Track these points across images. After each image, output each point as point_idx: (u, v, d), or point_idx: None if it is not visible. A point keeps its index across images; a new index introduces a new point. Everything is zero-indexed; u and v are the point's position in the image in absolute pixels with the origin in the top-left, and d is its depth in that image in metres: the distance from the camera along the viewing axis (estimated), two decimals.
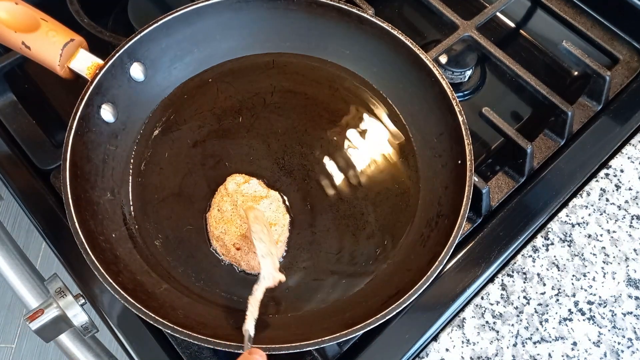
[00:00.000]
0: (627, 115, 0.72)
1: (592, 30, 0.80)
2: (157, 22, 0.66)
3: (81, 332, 0.59)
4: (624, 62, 0.77)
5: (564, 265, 0.63)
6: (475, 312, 0.60)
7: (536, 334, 0.59)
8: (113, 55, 0.64)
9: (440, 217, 0.61)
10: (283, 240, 0.62)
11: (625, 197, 0.67)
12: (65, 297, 0.58)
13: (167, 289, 0.59)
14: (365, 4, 0.75)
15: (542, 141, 0.70)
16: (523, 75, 0.71)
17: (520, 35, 0.82)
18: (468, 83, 0.77)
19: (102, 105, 0.64)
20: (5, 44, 0.63)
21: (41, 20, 0.63)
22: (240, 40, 0.72)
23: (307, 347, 0.51)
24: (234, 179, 0.64)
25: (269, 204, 0.62)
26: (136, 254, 0.60)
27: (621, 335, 0.59)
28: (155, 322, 0.52)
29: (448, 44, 0.74)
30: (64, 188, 0.57)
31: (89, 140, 0.62)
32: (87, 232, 0.56)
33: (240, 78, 0.71)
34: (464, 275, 0.61)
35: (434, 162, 0.65)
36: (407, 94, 0.69)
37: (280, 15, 0.71)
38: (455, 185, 0.60)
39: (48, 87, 0.76)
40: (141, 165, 0.66)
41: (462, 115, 0.62)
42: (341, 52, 0.72)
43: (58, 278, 0.60)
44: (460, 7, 0.78)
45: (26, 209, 0.66)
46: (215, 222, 0.62)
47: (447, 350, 0.58)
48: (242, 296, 0.59)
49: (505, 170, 0.68)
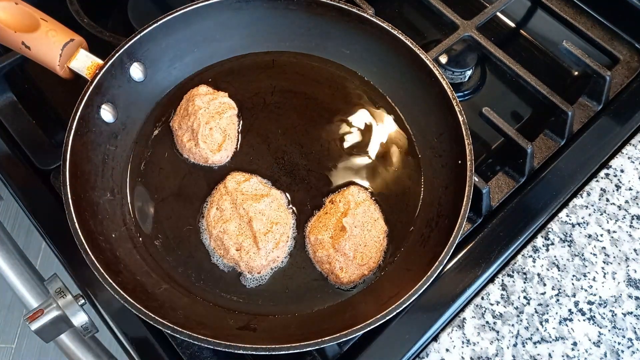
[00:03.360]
0: (628, 115, 0.72)
1: (592, 30, 0.79)
2: (157, 22, 0.66)
3: (81, 332, 0.59)
4: (624, 62, 0.77)
5: (564, 265, 0.63)
6: (476, 312, 0.60)
7: (536, 334, 0.59)
8: (113, 55, 0.64)
9: (440, 217, 0.61)
10: (285, 239, 0.61)
11: (626, 197, 0.67)
12: (65, 297, 0.58)
13: (166, 289, 0.59)
14: (365, 3, 0.75)
15: (542, 141, 0.70)
16: (523, 75, 0.71)
17: (521, 35, 0.82)
18: (468, 83, 0.77)
19: (102, 106, 0.64)
20: (5, 44, 0.63)
21: (41, 20, 0.63)
22: (240, 40, 0.72)
23: (307, 347, 0.51)
24: (234, 177, 0.64)
25: (270, 203, 0.62)
26: (136, 254, 0.60)
27: (621, 335, 0.59)
28: (155, 322, 0.52)
29: (448, 44, 0.74)
30: (64, 188, 0.57)
31: (88, 140, 0.62)
32: (87, 232, 0.56)
33: (240, 78, 0.71)
34: (464, 275, 0.61)
35: (434, 162, 0.65)
36: (407, 93, 0.69)
37: (280, 15, 0.71)
38: (456, 185, 0.60)
39: (48, 87, 0.76)
40: (141, 165, 0.66)
41: (462, 115, 0.62)
42: (341, 52, 0.72)
43: (58, 278, 0.60)
44: (460, 7, 0.78)
45: (26, 209, 0.66)
46: (214, 221, 0.62)
47: (447, 350, 0.58)
48: (242, 296, 0.59)
49: (506, 170, 0.68)
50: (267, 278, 0.60)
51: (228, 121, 0.67)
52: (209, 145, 0.65)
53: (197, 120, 0.65)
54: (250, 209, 0.61)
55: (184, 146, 0.65)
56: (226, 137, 0.66)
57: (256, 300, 0.59)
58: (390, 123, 0.69)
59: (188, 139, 0.65)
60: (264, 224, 0.61)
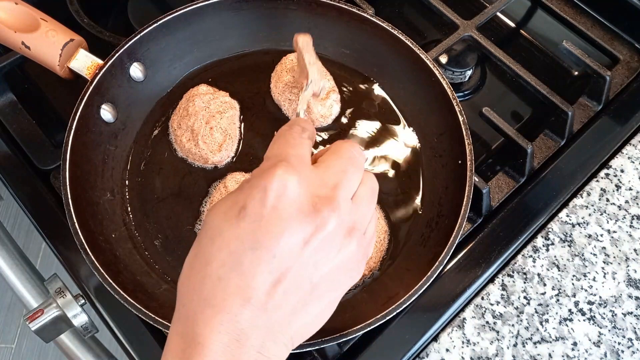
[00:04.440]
0: (628, 115, 0.72)
1: (592, 30, 0.80)
2: (156, 22, 0.66)
3: (81, 333, 0.59)
4: (624, 62, 0.77)
5: (564, 265, 0.63)
6: (476, 313, 0.60)
7: (536, 334, 0.59)
8: (113, 55, 0.64)
9: (440, 217, 0.61)
10: None
11: (626, 197, 0.67)
12: (65, 297, 0.58)
13: (166, 289, 0.59)
14: (365, 3, 0.75)
15: (542, 141, 0.70)
16: (523, 75, 0.71)
17: (521, 35, 0.82)
18: (468, 83, 0.77)
19: (101, 105, 0.64)
20: (5, 44, 0.63)
21: (41, 20, 0.63)
22: (240, 40, 0.72)
23: (307, 347, 0.51)
24: (234, 177, 0.64)
25: None
26: (136, 254, 0.60)
27: (621, 335, 0.59)
28: (155, 322, 0.52)
29: (448, 44, 0.74)
30: (64, 188, 0.57)
31: (88, 140, 0.62)
32: (87, 232, 0.56)
33: (240, 78, 0.71)
34: (464, 275, 0.61)
35: (434, 162, 0.65)
36: (407, 93, 0.69)
37: (280, 15, 0.71)
38: (456, 185, 0.60)
39: (48, 87, 0.75)
40: (141, 165, 0.66)
41: (462, 115, 0.62)
42: (341, 52, 0.72)
43: (58, 278, 0.60)
44: (460, 7, 0.78)
45: (26, 209, 0.66)
46: None
47: (448, 350, 0.58)
48: None
49: (506, 170, 0.68)
50: None
51: (229, 121, 0.67)
52: (209, 145, 0.65)
53: (197, 121, 0.65)
54: None
55: (183, 147, 0.65)
56: (227, 137, 0.66)
57: None
58: (390, 123, 0.69)
59: (187, 139, 0.65)
60: None
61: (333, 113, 0.68)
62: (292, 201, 0.40)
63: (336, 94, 0.69)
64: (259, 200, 0.39)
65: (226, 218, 0.40)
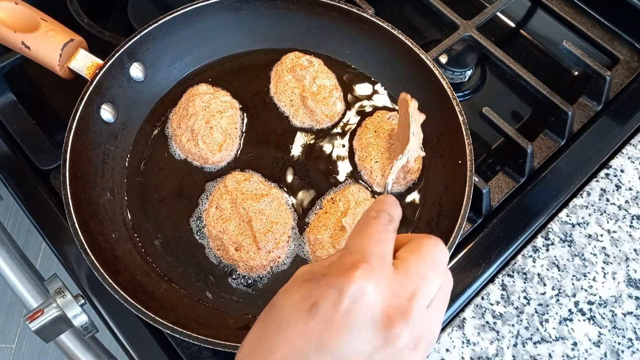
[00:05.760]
0: (628, 115, 0.72)
1: (592, 30, 0.80)
2: (156, 22, 0.66)
3: (81, 332, 0.59)
4: (624, 62, 0.77)
5: (564, 265, 0.63)
6: (476, 313, 0.60)
7: (536, 334, 0.59)
8: (113, 55, 0.64)
9: (440, 217, 0.61)
10: (285, 239, 0.61)
11: (626, 197, 0.67)
12: (65, 297, 0.58)
13: (166, 289, 0.59)
14: (365, 3, 0.75)
15: (542, 141, 0.70)
16: (523, 75, 0.71)
17: (521, 35, 0.82)
18: (468, 83, 0.77)
19: (101, 105, 0.64)
20: (5, 44, 0.63)
21: (41, 20, 0.63)
22: (240, 40, 0.72)
23: None
24: (234, 177, 0.64)
25: (270, 202, 0.62)
26: (136, 254, 0.60)
27: (621, 335, 0.59)
28: (155, 322, 0.52)
29: (448, 44, 0.74)
30: (64, 188, 0.57)
31: (88, 140, 0.62)
32: (87, 232, 0.56)
33: (240, 77, 0.71)
34: (464, 275, 0.61)
35: (434, 162, 0.65)
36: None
37: (280, 15, 0.71)
38: (456, 185, 0.60)
39: (48, 87, 0.76)
40: (141, 165, 0.66)
41: (462, 115, 0.62)
42: (341, 52, 0.72)
43: (58, 278, 0.60)
44: (460, 7, 0.78)
45: (26, 209, 0.66)
46: (214, 220, 0.61)
47: (448, 350, 0.58)
48: (242, 296, 0.59)
49: (506, 170, 0.68)
50: (267, 278, 0.60)
51: (229, 120, 0.67)
52: (209, 145, 0.65)
53: (197, 121, 0.65)
54: (250, 209, 0.61)
55: (183, 147, 0.65)
56: (227, 137, 0.66)
57: (256, 300, 0.59)
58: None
59: (187, 139, 0.65)
60: (264, 223, 0.61)
61: (337, 111, 0.68)
62: (366, 309, 0.38)
63: (338, 91, 0.69)
64: (332, 302, 0.38)
65: (297, 310, 0.39)
